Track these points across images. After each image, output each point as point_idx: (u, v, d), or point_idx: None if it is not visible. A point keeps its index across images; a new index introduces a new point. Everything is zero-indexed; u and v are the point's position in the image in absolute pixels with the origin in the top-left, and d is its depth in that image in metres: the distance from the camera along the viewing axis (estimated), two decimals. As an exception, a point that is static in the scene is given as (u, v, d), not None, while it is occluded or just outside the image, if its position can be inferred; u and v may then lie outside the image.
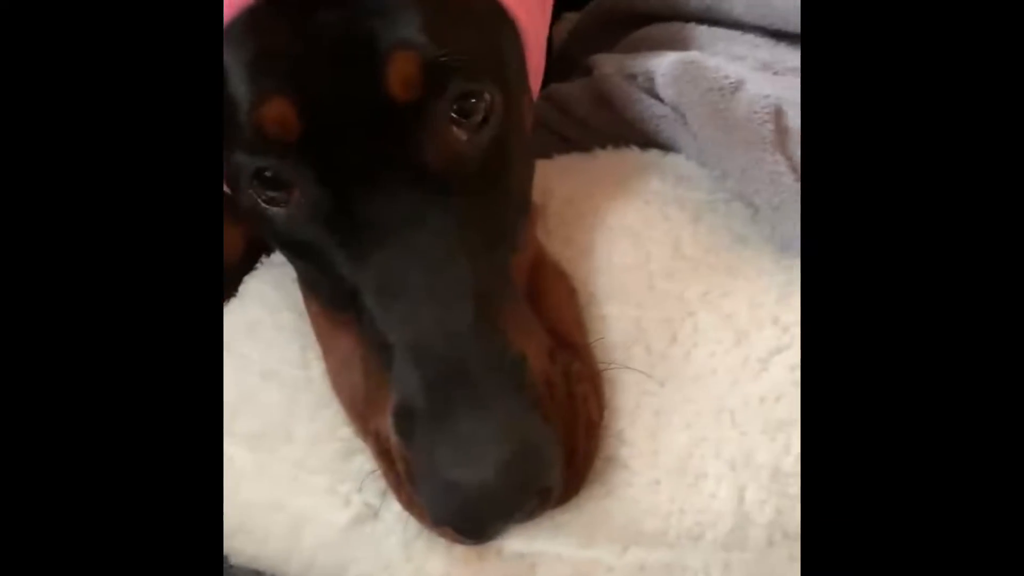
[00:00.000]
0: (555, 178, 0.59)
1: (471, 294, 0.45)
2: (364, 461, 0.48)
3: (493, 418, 0.42)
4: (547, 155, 0.62)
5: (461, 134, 0.47)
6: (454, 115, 0.46)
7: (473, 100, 0.46)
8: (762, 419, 0.45)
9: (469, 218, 0.46)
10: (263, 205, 0.48)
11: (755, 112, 0.54)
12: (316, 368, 0.52)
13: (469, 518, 0.42)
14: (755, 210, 0.54)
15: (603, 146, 0.62)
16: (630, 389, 0.48)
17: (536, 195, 0.57)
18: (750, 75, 0.57)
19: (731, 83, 0.56)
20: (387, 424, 0.45)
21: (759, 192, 0.52)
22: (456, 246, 0.45)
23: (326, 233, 0.47)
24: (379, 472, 0.47)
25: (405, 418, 0.44)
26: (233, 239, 0.61)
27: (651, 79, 0.58)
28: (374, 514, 0.48)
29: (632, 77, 0.60)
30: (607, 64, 0.62)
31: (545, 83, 0.65)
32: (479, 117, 0.47)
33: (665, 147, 0.60)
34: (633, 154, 0.61)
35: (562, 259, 0.54)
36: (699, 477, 0.45)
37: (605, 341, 0.50)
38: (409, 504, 0.46)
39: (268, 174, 0.47)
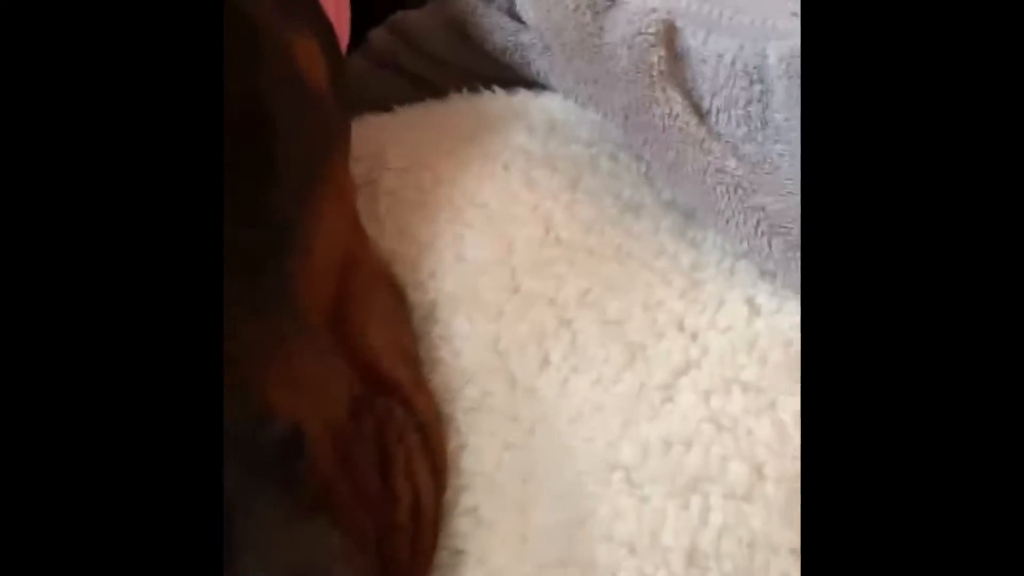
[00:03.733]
0: (391, 140, 0.45)
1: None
2: None
3: (241, 540, 0.28)
4: (386, 108, 0.48)
5: None
6: None
7: None
8: (668, 476, 0.32)
9: None
10: None
11: (639, 33, 0.40)
12: None
13: None
14: (647, 165, 0.40)
15: (460, 88, 0.48)
16: (486, 442, 0.34)
17: (363, 167, 0.43)
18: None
19: (605, -6, 0.42)
20: None
21: (649, 143, 0.39)
22: None
23: None
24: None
25: None
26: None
27: (510, -4, 0.44)
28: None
29: (489, -5, 0.46)
30: (457, -21, 0.47)
31: (393, 7, 0.52)
32: None
33: (537, 85, 0.46)
34: (495, 98, 0.47)
35: (398, 259, 0.40)
36: (587, 569, 0.32)
37: (451, 371, 0.36)
38: None
39: None
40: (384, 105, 0.48)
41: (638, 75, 0.39)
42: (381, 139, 0.45)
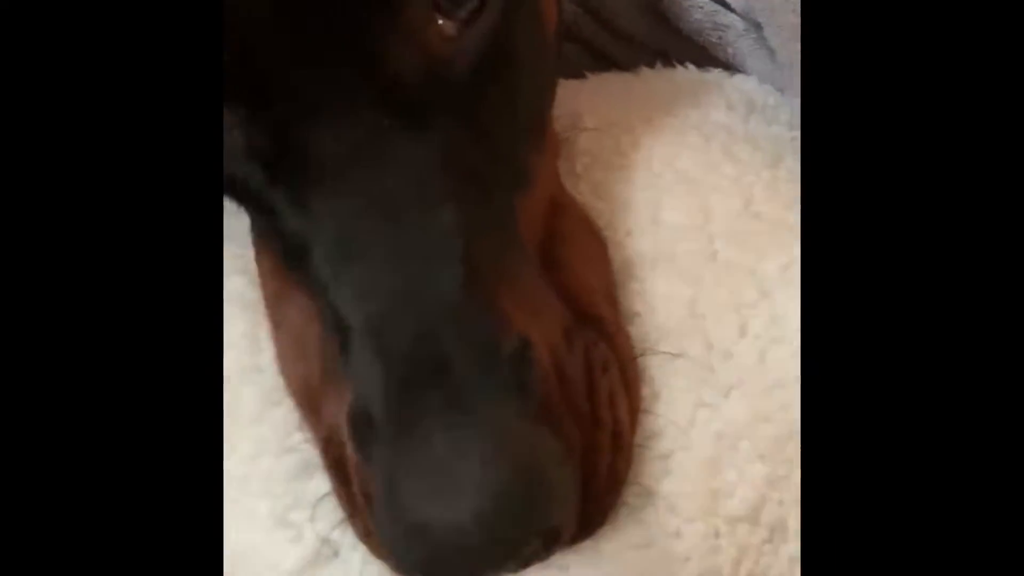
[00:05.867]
0: (586, 103, 0.46)
1: (456, 253, 0.33)
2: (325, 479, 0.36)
3: (478, 431, 0.30)
4: (578, 74, 0.49)
5: (448, 27, 0.34)
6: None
7: None
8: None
9: (456, 149, 0.34)
10: None
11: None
12: (268, 352, 0.39)
13: (441, 571, 0.31)
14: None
15: (651, 65, 0.49)
16: (681, 396, 0.35)
17: (559, 125, 0.44)
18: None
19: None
20: (342, 427, 0.33)
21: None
22: (436, 188, 0.33)
23: (264, 173, 0.34)
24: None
25: (363, 424, 0.32)
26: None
27: (718, -22, 0.45)
28: (334, 553, 0.36)
29: (692, -24, 0.46)
30: (659, -43, 0.48)
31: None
32: (474, 2, 0.34)
33: (729, 67, 0.47)
34: (689, 74, 0.47)
35: (594, 215, 0.41)
36: (776, 531, 0.32)
37: (646, 325, 0.37)
38: (366, 536, 0.34)
39: None
40: (571, 72, 0.49)
41: (857, 61, 0.40)
42: (575, 101, 0.46)
